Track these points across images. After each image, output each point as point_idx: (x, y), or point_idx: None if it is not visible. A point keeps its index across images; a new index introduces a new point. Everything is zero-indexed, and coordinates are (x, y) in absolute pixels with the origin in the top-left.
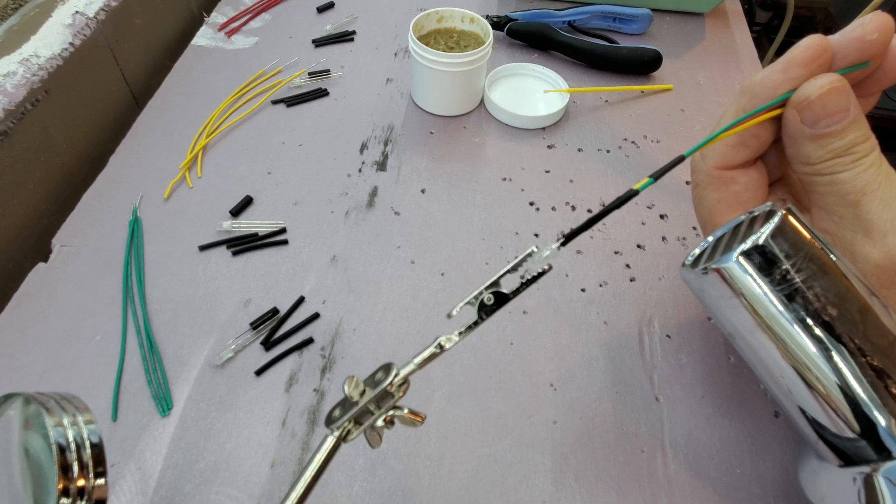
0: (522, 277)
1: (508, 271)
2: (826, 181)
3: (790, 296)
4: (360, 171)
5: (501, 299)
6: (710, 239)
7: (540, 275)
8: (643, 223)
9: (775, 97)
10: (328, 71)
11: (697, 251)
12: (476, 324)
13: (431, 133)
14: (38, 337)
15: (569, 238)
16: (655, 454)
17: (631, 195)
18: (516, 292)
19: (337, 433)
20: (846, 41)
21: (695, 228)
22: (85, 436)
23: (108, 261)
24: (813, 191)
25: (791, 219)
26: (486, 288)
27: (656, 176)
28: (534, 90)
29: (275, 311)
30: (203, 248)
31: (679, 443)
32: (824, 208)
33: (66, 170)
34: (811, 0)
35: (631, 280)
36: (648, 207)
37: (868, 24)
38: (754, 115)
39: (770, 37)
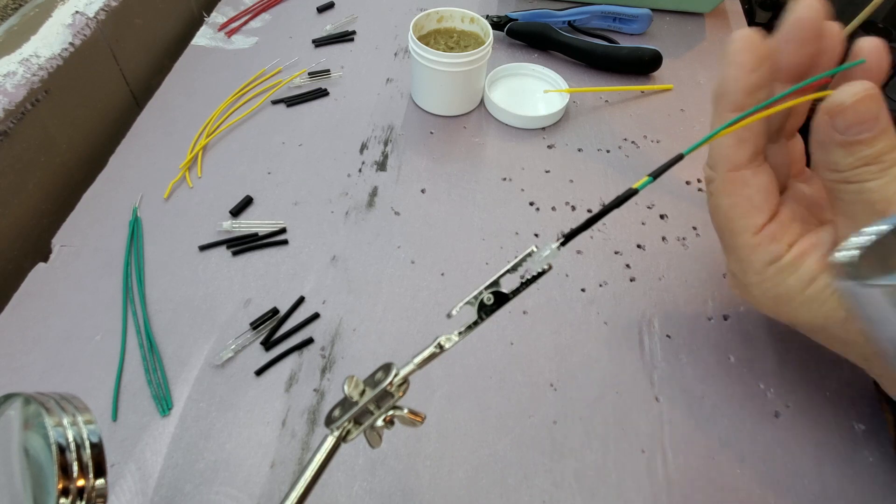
0: (522, 277)
1: (508, 271)
2: (854, 189)
3: None
4: (360, 171)
5: (501, 299)
6: (873, 236)
7: (540, 275)
8: (643, 223)
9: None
10: (328, 71)
11: (856, 252)
12: (476, 324)
13: (431, 133)
14: (38, 337)
15: (569, 238)
16: (655, 454)
17: (630, 194)
18: (516, 292)
19: (337, 433)
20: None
21: (695, 228)
22: (85, 436)
23: (108, 261)
24: (839, 199)
25: None
26: (486, 288)
27: (655, 175)
28: (534, 90)
29: (275, 311)
30: (203, 248)
31: (679, 443)
32: (850, 217)
33: (66, 170)
34: None
35: (631, 280)
36: (648, 207)
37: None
38: (751, 115)
39: None
